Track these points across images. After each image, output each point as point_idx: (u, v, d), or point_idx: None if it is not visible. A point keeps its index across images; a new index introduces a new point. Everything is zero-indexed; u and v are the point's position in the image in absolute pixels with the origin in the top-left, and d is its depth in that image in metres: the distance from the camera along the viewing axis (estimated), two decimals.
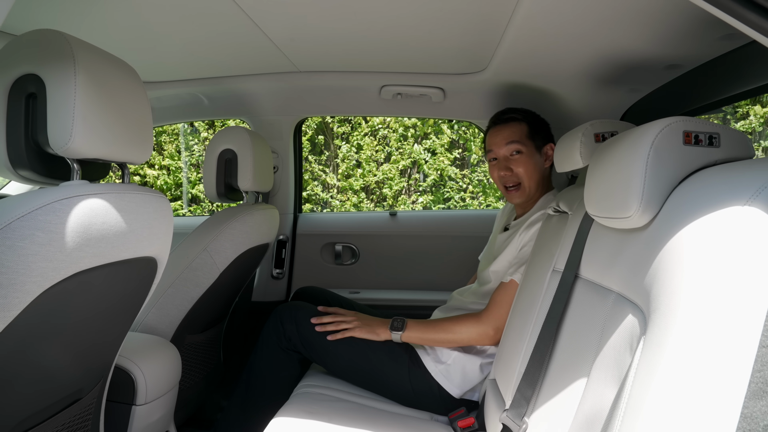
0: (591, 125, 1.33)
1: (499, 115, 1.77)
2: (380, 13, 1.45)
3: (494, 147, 1.73)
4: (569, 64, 1.66)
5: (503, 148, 1.71)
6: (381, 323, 1.64)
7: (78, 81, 0.90)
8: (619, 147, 0.89)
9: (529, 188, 1.70)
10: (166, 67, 2.06)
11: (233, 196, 1.96)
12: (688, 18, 1.20)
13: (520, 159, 1.69)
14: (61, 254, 0.85)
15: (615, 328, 0.82)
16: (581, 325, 0.99)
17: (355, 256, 2.60)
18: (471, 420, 1.46)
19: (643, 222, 0.81)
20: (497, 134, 1.73)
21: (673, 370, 0.61)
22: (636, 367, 0.69)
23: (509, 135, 1.70)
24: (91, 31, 1.62)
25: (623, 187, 0.83)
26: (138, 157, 1.08)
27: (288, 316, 1.69)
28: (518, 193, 1.71)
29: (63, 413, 1.07)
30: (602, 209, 0.93)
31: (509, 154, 1.70)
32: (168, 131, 7.21)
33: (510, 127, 1.72)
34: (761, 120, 6.10)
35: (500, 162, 1.72)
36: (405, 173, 7.28)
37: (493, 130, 1.76)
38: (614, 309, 0.86)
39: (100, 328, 1.11)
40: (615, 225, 0.91)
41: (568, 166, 1.39)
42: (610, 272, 0.92)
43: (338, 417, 1.36)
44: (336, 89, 2.22)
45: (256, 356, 1.72)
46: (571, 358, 0.99)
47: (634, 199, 0.80)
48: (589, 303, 0.98)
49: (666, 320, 0.65)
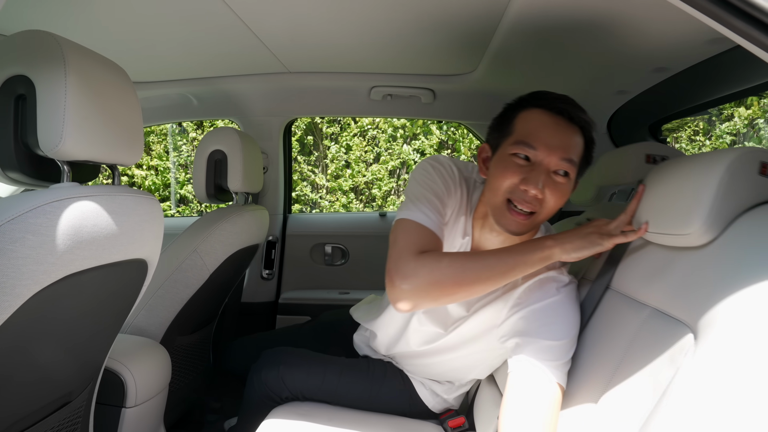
0: (642, 146, 1.37)
1: (566, 105, 1.14)
2: (370, 14, 1.45)
3: (543, 147, 1.10)
4: (558, 65, 1.68)
5: (556, 157, 1.10)
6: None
7: (68, 82, 0.90)
8: (687, 167, 0.90)
9: (538, 225, 1.17)
10: (156, 68, 2.05)
11: (223, 197, 1.95)
12: (676, 22, 1.22)
13: (562, 184, 1.12)
14: (51, 257, 0.84)
15: (650, 341, 0.84)
16: (606, 333, 1.01)
17: (345, 257, 2.60)
18: (461, 420, 1.46)
19: (701, 241, 0.82)
20: (558, 134, 1.12)
21: (728, 388, 0.63)
22: (681, 380, 0.70)
23: (571, 148, 1.12)
24: (80, 31, 1.61)
25: (688, 205, 0.83)
26: (128, 158, 1.08)
27: (267, 367, 1.47)
28: (525, 224, 1.13)
29: (52, 416, 1.06)
30: (656, 224, 0.94)
31: (555, 170, 1.11)
32: (156, 131, 7.16)
33: (575, 135, 1.14)
34: (745, 122, 6.19)
35: (538, 171, 1.10)
36: (394, 174, 7.28)
37: (551, 121, 1.13)
38: (649, 323, 0.87)
39: (91, 330, 1.10)
40: (666, 241, 0.92)
41: (614, 181, 1.42)
42: (648, 287, 0.93)
43: (329, 418, 1.36)
44: (326, 90, 2.22)
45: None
46: (590, 364, 1.00)
47: (698, 218, 0.80)
48: (618, 314, 1.00)
49: (723, 341, 0.67)
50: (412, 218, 1.16)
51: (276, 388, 1.45)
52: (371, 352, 1.60)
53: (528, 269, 1.09)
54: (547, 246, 1.09)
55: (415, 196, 1.21)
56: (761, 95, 5.96)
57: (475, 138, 2.90)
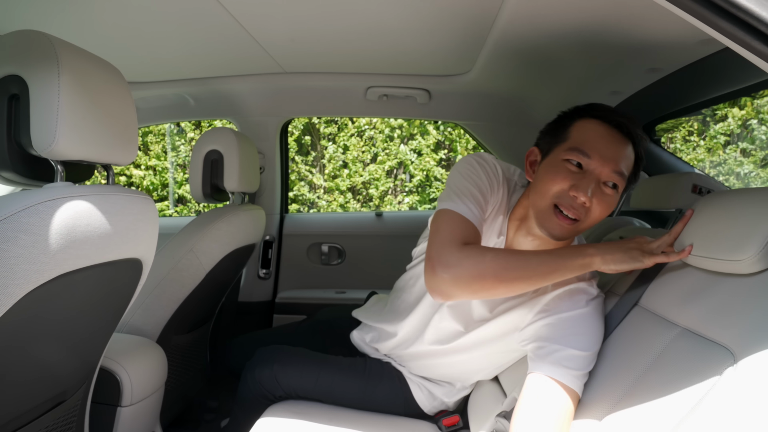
0: (690, 176, 1.41)
1: (623, 119, 1.16)
2: (366, 14, 1.46)
3: (598, 157, 1.12)
4: (552, 65, 1.68)
5: (608, 168, 1.12)
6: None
7: (62, 82, 0.90)
8: (745, 198, 0.92)
9: (579, 233, 1.19)
10: (152, 68, 2.06)
11: (219, 197, 1.96)
12: (668, 22, 1.23)
13: (605, 197, 1.14)
14: (44, 256, 0.84)
15: (678, 360, 0.86)
16: (628, 347, 1.02)
17: (342, 257, 2.61)
18: (456, 418, 1.47)
19: (752, 269, 0.83)
20: (614, 145, 1.14)
21: (762, 411, 0.65)
22: (716, 396, 0.72)
23: (623, 161, 1.14)
24: (76, 31, 1.61)
25: (744, 232, 0.85)
26: (123, 158, 1.08)
27: (261, 365, 1.48)
28: (569, 229, 1.14)
29: (47, 415, 1.06)
30: (702, 248, 0.95)
31: (605, 181, 1.13)
32: (154, 131, 7.16)
33: (628, 148, 1.16)
34: (739, 122, 6.20)
35: (589, 179, 1.12)
36: (391, 174, 7.28)
37: (608, 132, 1.15)
38: (679, 342, 0.89)
39: (85, 329, 1.10)
40: (711, 266, 0.93)
41: (652, 205, 1.47)
42: (681, 308, 0.95)
43: (323, 417, 1.37)
44: (322, 90, 2.22)
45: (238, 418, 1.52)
46: (605, 374, 1.01)
47: (754, 246, 0.82)
48: (645, 331, 1.01)
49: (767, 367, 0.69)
50: (456, 210, 1.17)
51: (270, 387, 1.45)
52: (371, 350, 1.59)
53: (567, 274, 1.10)
54: (589, 254, 1.09)
55: (459, 189, 1.21)
56: (754, 96, 5.98)
57: (471, 138, 2.90)
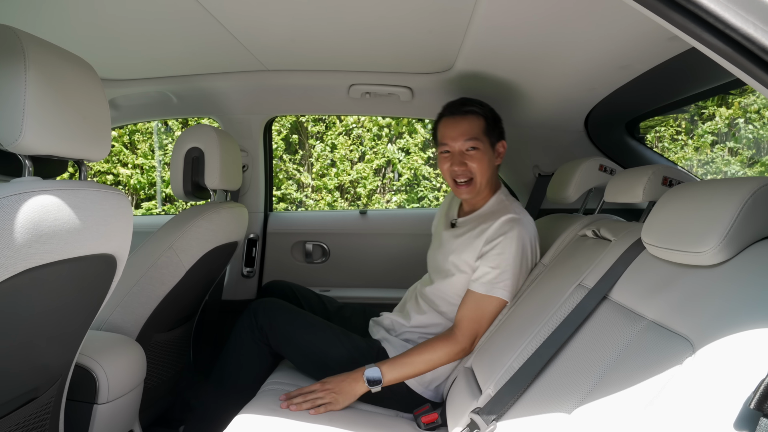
0: (659, 168, 1.39)
1: (456, 106, 1.69)
2: (346, 11, 1.46)
3: (449, 141, 1.66)
4: (529, 61, 1.69)
5: (460, 142, 1.64)
6: (354, 380, 1.48)
7: (28, 77, 0.89)
8: (708, 189, 0.92)
9: (480, 184, 1.66)
10: (133, 65, 2.04)
11: (201, 195, 1.95)
12: (636, 19, 1.23)
13: (475, 155, 1.64)
14: (8, 251, 0.84)
15: (643, 352, 0.86)
16: (596, 340, 1.03)
17: (326, 255, 2.60)
18: (435, 416, 1.48)
19: (714, 260, 0.83)
20: (454, 127, 1.66)
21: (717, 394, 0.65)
22: (673, 387, 0.72)
23: (468, 130, 1.64)
24: (52, 28, 1.60)
25: (706, 224, 0.85)
26: (94, 154, 1.07)
27: (262, 310, 1.68)
28: (468, 189, 1.67)
29: (17, 413, 1.05)
30: (668, 241, 0.95)
31: (465, 149, 1.64)
32: (141, 130, 7.12)
33: (468, 120, 1.65)
34: (726, 121, 6.26)
35: (454, 156, 1.66)
36: (379, 172, 7.30)
37: (449, 121, 1.68)
38: (645, 334, 0.89)
39: (57, 325, 1.10)
40: (676, 258, 0.93)
41: (624, 198, 1.46)
42: (648, 300, 0.95)
43: (302, 414, 1.37)
44: (304, 88, 2.22)
45: (230, 347, 1.70)
46: (575, 368, 1.02)
47: (714, 237, 0.82)
48: (613, 323, 1.02)
49: (722, 353, 0.69)
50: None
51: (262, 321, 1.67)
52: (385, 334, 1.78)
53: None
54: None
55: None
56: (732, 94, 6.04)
57: None
